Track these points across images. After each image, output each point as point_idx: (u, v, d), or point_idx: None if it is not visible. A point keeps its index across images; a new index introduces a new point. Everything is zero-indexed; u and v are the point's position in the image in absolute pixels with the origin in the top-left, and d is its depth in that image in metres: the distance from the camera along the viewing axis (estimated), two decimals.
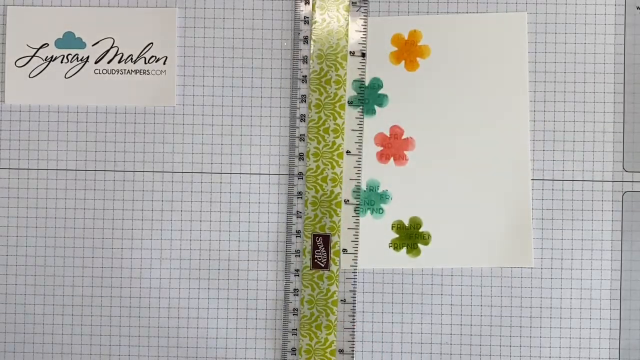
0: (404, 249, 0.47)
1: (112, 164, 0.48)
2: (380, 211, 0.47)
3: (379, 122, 0.47)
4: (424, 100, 0.47)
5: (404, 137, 0.47)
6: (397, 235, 0.47)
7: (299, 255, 0.47)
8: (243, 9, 0.48)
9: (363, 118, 0.47)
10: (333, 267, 0.47)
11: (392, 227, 0.47)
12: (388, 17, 0.47)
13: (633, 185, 0.47)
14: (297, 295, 0.47)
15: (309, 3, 0.47)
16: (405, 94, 0.47)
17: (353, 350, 0.47)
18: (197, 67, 0.48)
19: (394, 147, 0.47)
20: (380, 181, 0.47)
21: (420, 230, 0.47)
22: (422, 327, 0.47)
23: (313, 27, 0.47)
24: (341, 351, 0.47)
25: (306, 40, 0.47)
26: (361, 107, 0.47)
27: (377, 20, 0.47)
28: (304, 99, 0.47)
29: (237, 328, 0.47)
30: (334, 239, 0.47)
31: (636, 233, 0.47)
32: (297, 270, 0.47)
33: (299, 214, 0.47)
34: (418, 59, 0.47)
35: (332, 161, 0.47)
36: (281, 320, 0.47)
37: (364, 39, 0.47)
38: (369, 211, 0.47)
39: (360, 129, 0.47)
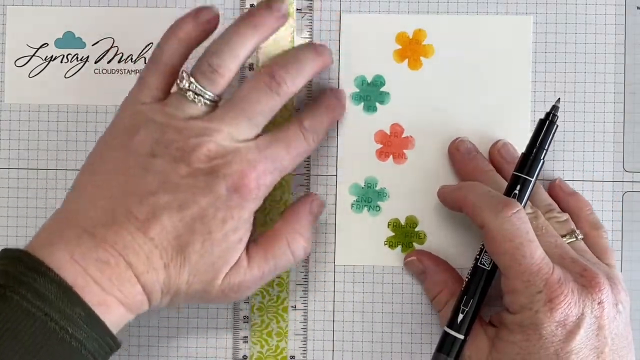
0: (399, 247, 0.47)
1: None
2: (377, 209, 0.47)
3: (380, 119, 0.47)
4: (425, 99, 0.47)
5: (404, 135, 0.47)
6: (393, 234, 0.47)
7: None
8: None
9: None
10: (283, 274, 0.47)
11: (389, 225, 0.47)
12: (393, 15, 0.47)
13: (633, 185, 0.47)
14: (248, 302, 0.47)
15: None
16: (407, 93, 0.47)
17: (305, 358, 0.47)
18: None
19: (393, 145, 0.47)
20: (378, 179, 0.47)
21: (416, 229, 0.47)
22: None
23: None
24: (292, 358, 0.47)
25: None
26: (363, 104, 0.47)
27: (381, 18, 0.47)
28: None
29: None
30: None
31: (636, 233, 0.47)
32: None
33: None
34: (422, 58, 0.47)
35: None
36: (232, 328, 0.47)
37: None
38: (365, 208, 0.47)
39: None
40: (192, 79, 0.40)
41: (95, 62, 0.48)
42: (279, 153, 0.40)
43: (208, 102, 0.40)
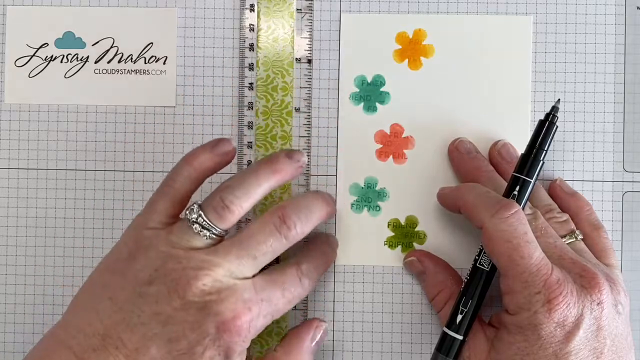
0: (399, 247, 0.47)
1: (112, 164, 0.48)
2: (377, 209, 0.47)
3: (380, 119, 0.47)
4: (425, 99, 0.47)
5: (404, 135, 0.47)
6: (393, 234, 0.47)
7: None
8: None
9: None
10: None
11: (388, 225, 0.47)
12: (393, 15, 0.47)
13: (633, 185, 0.47)
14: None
15: (254, 10, 0.47)
16: (407, 93, 0.47)
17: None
18: (197, 67, 0.48)
19: (393, 145, 0.47)
20: (378, 179, 0.47)
21: (416, 229, 0.47)
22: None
23: (259, 34, 0.47)
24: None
25: (252, 47, 0.47)
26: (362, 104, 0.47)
27: (381, 18, 0.47)
28: (251, 106, 0.47)
29: None
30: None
31: (636, 233, 0.47)
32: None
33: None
34: (422, 58, 0.47)
35: None
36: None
37: (310, 46, 0.47)
38: (365, 208, 0.47)
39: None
40: (201, 212, 0.39)
41: (95, 62, 0.48)
42: (275, 295, 0.40)
43: (214, 236, 0.40)
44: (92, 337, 0.38)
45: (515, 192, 0.41)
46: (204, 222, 0.39)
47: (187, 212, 0.40)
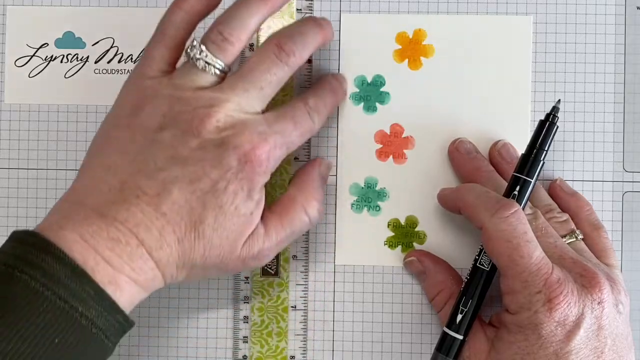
0: (399, 247, 0.47)
1: None
2: (377, 209, 0.47)
3: (380, 119, 0.47)
4: (425, 99, 0.47)
5: (404, 135, 0.47)
6: (393, 234, 0.47)
7: None
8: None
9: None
10: (283, 274, 0.47)
11: (388, 225, 0.47)
12: (393, 15, 0.47)
13: (633, 185, 0.47)
14: (248, 303, 0.47)
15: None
16: (407, 93, 0.47)
17: (305, 358, 0.47)
18: None
19: (393, 145, 0.47)
20: (378, 179, 0.47)
21: (416, 229, 0.47)
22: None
23: (259, 34, 0.47)
24: (292, 358, 0.47)
25: (252, 47, 0.47)
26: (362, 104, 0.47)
27: (381, 18, 0.47)
28: None
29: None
30: None
31: (636, 233, 0.47)
32: (246, 278, 0.47)
33: None
34: (422, 58, 0.47)
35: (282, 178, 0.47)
36: (232, 329, 0.47)
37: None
38: (365, 208, 0.47)
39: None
40: (203, 47, 0.39)
41: (95, 62, 0.48)
42: (287, 128, 0.40)
43: (219, 71, 0.39)
44: (109, 192, 0.37)
45: (516, 192, 0.41)
46: (208, 57, 0.39)
47: (189, 50, 0.40)
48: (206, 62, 0.39)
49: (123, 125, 0.39)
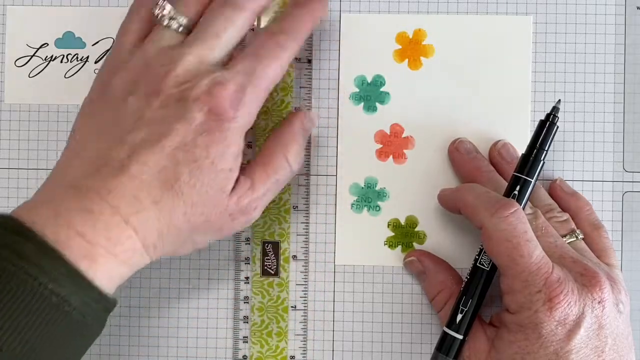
0: (399, 247, 0.47)
1: None
2: (377, 209, 0.47)
3: (380, 119, 0.47)
4: (425, 99, 0.47)
5: (404, 135, 0.47)
6: (393, 234, 0.47)
7: (249, 263, 0.47)
8: None
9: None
10: (283, 274, 0.47)
11: (388, 225, 0.47)
12: (393, 15, 0.47)
13: (633, 185, 0.47)
14: (248, 302, 0.47)
15: None
16: (407, 93, 0.47)
17: (305, 358, 0.47)
18: None
19: (393, 145, 0.47)
20: (378, 179, 0.47)
21: (416, 229, 0.47)
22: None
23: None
24: (292, 358, 0.47)
25: None
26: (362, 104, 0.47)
27: (381, 18, 0.47)
28: None
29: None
30: (283, 245, 0.47)
31: (636, 233, 0.47)
32: (247, 278, 0.47)
33: None
34: (422, 58, 0.47)
35: None
36: (232, 329, 0.47)
37: (310, 46, 0.47)
38: (365, 208, 0.47)
39: None
40: (165, 3, 0.39)
41: (95, 62, 0.48)
42: (250, 65, 0.39)
43: (182, 26, 0.39)
44: (81, 166, 0.37)
45: (516, 192, 0.41)
46: (171, 11, 0.39)
47: (154, 9, 0.40)
48: (170, 18, 0.39)
49: (95, 100, 0.39)
